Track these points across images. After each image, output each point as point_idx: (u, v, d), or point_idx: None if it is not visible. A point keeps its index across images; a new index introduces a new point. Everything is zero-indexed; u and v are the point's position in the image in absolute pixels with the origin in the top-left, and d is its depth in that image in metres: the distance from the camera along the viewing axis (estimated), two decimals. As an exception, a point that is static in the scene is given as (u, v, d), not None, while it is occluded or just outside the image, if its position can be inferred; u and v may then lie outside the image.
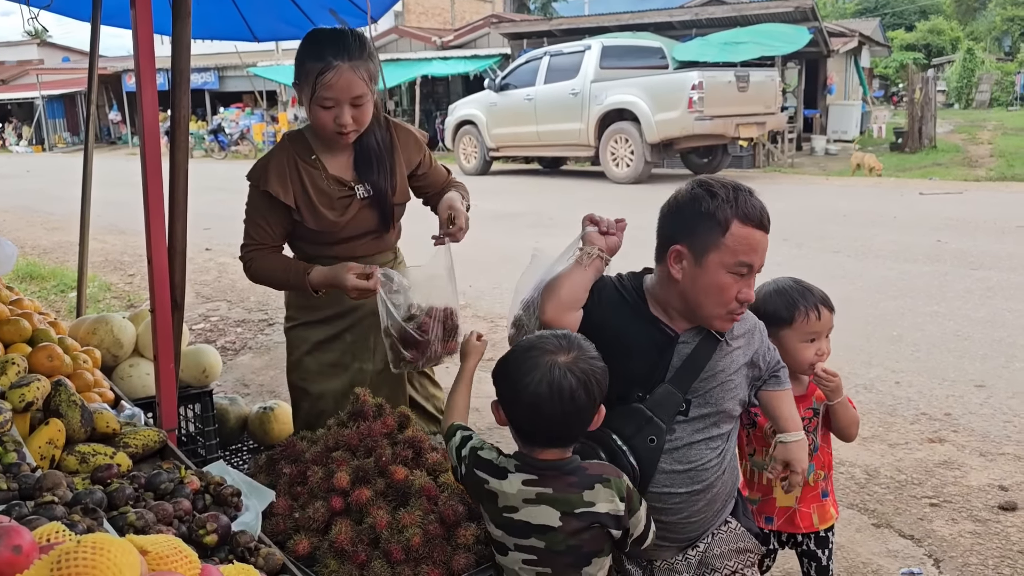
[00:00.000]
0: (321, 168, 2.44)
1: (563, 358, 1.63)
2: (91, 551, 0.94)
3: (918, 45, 41.37)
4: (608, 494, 1.63)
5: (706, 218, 1.79)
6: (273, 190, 2.37)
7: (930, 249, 7.92)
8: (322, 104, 2.26)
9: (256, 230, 2.43)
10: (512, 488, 1.65)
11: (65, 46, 44.46)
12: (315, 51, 2.24)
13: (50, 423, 1.89)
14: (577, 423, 1.66)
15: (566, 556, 1.63)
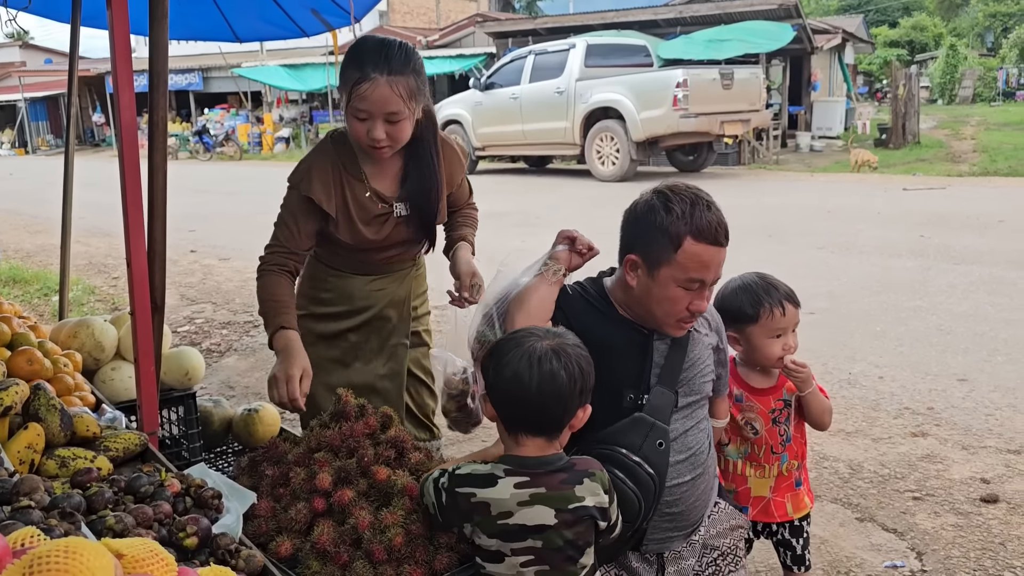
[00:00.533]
0: (365, 180, 2.39)
1: (547, 342, 1.68)
2: (64, 555, 0.94)
3: (901, 42, 41.57)
4: (595, 487, 1.66)
5: (659, 232, 1.83)
6: (316, 196, 2.32)
7: (913, 244, 7.98)
8: (356, 115, 2.21)
9: (284, 232, 2.36)
10: (504, 493, 1.64)
11: (47, 48, 44.17)
12: (356, 60, 2.19)
13: (29, 427, 1.88)
14: (556, 407, 1.66)
15: (563, 551, 1.65)
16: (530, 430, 1.69)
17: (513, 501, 1.64)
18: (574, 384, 1.65)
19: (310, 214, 2.35)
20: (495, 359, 1.71)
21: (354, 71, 2.17)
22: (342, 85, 2.24)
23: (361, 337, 2.60)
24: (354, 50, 2.24)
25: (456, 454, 3.52)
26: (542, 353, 1.65)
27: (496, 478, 1.67)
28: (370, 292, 2.59)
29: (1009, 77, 35.57)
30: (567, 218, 10.62)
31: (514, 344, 1.70)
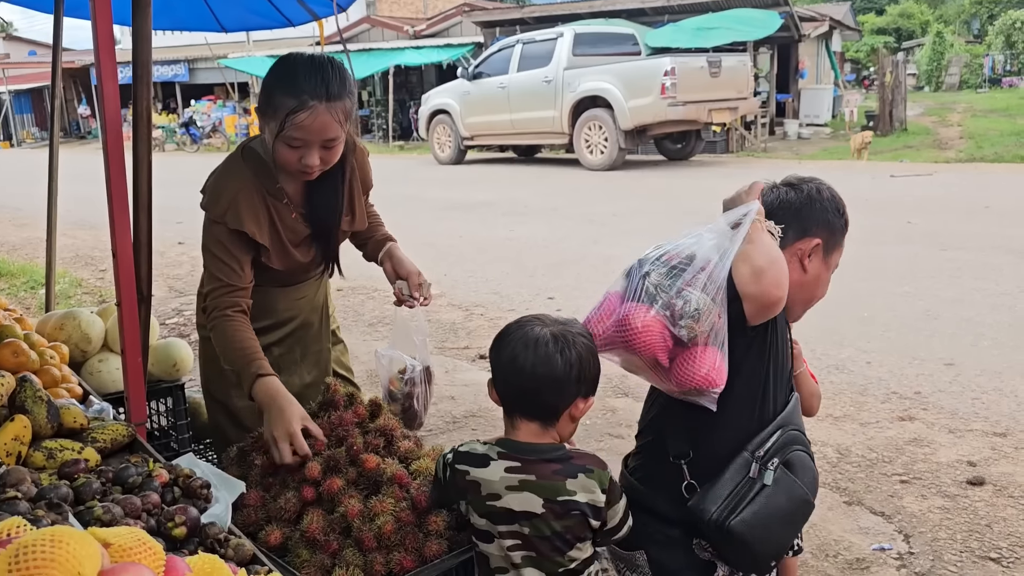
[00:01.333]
0: (288, 200, 2.24)
1: (549, 328, 1.69)
2: (50, 544, 0.94)
3: (889, 29, 41.64)
4: (590, 484, 1.65)
5: (844, 225, 1.93)
6: (248, 229, 2.14)
7: (900, 231, 8.01)
8: (289, 143, 2.04)
9: (224, 269, 2.15)
10: (494, 475, 1.66)
11: (31, 40, 43.73)
12: (290, 86, 2.00)
13: (15, 419, 1.87)
14: (550, 392, 1.66)
15: (550, 541, 1.65)
16: (524, 413, 1.70)
17: (502, 484, 1.66)
18: (570, 370, 1.64)
19: (244, 247, 2.18)
20: (499, 340, 1.73)
21: (288, 98, 1.99)
22: (270, 111, 2.04)
23: (284, 349, 2.49)
24: (284, 74, 2.04)
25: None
26: (541, 337, 1.66)
27: (489, 459, 1.68)
28: (292, 303, 2.48)
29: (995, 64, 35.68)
30: (556, 207, 10.63)
31: (517, 326, 1.72)
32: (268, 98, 2.06)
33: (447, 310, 6.05)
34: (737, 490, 1.69)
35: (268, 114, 2.06)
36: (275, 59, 2.14)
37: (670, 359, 1.69)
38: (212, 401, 2.53)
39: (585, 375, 1.67)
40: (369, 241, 2.55)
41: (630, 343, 1.68)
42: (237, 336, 2.10)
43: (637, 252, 1.90)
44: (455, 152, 17.22)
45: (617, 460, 3.49)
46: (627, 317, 1.70)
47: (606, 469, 1.69)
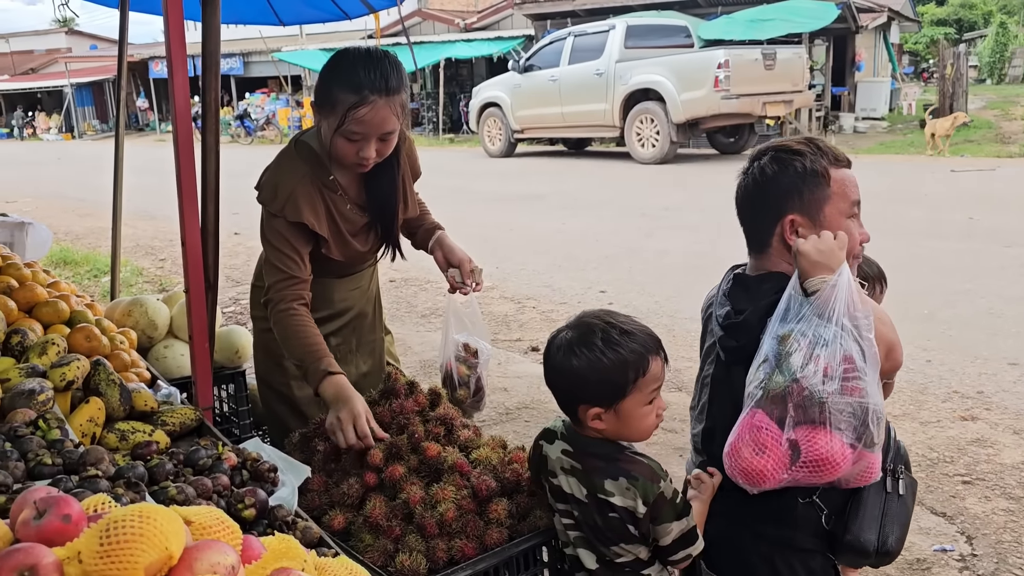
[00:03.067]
0: (341, 191, 2.27)
1: (569, 333, 1.69)
2: (138, 519, 0.97)
3: (949, 20, 40.50)
4: (631, 492, 1.61)
5: (808, 177, 1.71)
6: (308, 220, 2.18)
7: (962, 226, 7.81)
8: (349, 137, 2.08)
9: (287, 263, 2.18)
10: (554, 453, 1.73)
11: (93, 34, 44.88)
12: (350, 80, 2.03)
13: (90, 401, 1.94)
14: (564, 387, 1.68)
15: (595, 530, 1.66)
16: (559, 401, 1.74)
17: (558, 464, 1.71)
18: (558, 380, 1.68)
19: (304, 239, 2.22)
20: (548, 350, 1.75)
21: (349, 93, 2.03)
22: (328, 106, 2.08)
23: (341, 339, 2.52)
24: (343, 70, 2.07)
25: (499, 434, 3.55)
26: (553, 342, 1.71)
27: (555, 437, 1.75)
28: (348, 293, 2.52)
29: (1062, 55, 34.50)
30: (607, 201, 10.58)
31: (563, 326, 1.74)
32: (327, 93, 2.08)
33: (499, 302, 6.07)
34: (883, 509, 1.70)
35: (326, 109, 2.09)
36: (328, 52, 2.18)
37: None
38: (269, 390, 2.58)
39: (580, 386, 1.64)
40: (419, 230, 2.57)
41: (826, 476, 1.56)
42: (302, 331, 2.14)
43: (690, 247, 1.86)
44: (505, 145, 17.24)
45: (670, 454, 3.50)
46: (828, 457, 1.54)
47: (658, 483, 1.62)
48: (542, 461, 1.77)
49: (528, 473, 1.90)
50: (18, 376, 1.89)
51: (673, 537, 1.64)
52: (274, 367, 2.52)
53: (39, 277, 2.58)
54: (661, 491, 1.62)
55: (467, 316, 2.45)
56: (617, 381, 1.61)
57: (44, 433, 1.65)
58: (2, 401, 1.76)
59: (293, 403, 2.51)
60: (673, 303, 5.82)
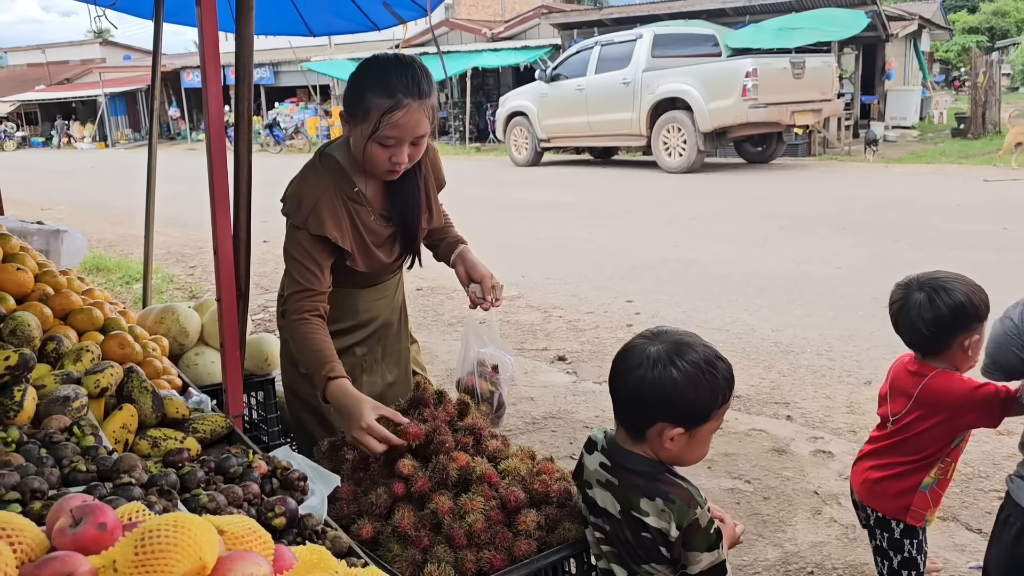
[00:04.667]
0: (365, 202, 2.28)
1: (655, 345, 1.61)
2: (173, 529, 0.97)
3: (981, 28, 40.00)
4: (665, 515, 1.58)
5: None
6: (331, 234, 2.18)
7: (996, 237, 7.69)
8: (383, 142, 2.08)
9: (306, 276, 2.19)
10: (591, 464, 1.72)
11: (126, 44, 45.61)
12: (383, 85, 2.04)
13: (123, 408, 1.96)
14: (632, 407, 1.63)
15: (626, 546, 1.65)
16: (618, 418, 1.70)
17: (594, 476, 1.69)
18: (647, 392, 1.58)
19: (326, 252, 2.22)
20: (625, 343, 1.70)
21: (384, 99, 2.04)
22: (361, 113, 2.08)
23: (366, 349, 2.53)
24: (375, 75, 2.08)
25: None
26: (640, 350, 1.61)
27: (595, 448, 1.73)
28: (372, 303, 2.52)
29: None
30: (634, 210, 10.55)
31: (637, 336, 1.68)
32: (359, 100, 2.09)
33: (526, 311, 6.07)
34: None
35: (359, 117, 2.10)
36: (356, 62, 2.19)
37: None
38: (296, 398, 2.59)
39: (666, 401, 1.58)
40: (441, 243, 2.57)
41: None
42: (311, 338, 2.15)
43: (717, 257, 1.87)
44: (532, 154, 17.27)
45: (699, 466, 3.47)
46: None
47: (694, 509, 1.59)
48: (580, 470, 1.76)
49: (556, 484, 1.89)
50: (53, 383, 1.91)
51: (702, 567, 1.62)
52: (300, 376, 2.53)
53: (74, 284, 2.61)
54: (696, 518, 1.59)
55: (486, 333, 2.43)
56: (708, 404, 1.59)
57: (79, 440, 1.67)
58: (38, 407, 1.79)
59: (319, 412, 2.52)
60: (700, 313, 5.78)
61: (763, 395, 4.27)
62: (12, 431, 1.58)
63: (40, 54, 45.17)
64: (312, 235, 2.18)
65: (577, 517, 1.82)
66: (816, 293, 6.14)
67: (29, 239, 3.53)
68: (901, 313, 2.21)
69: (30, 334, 2.08)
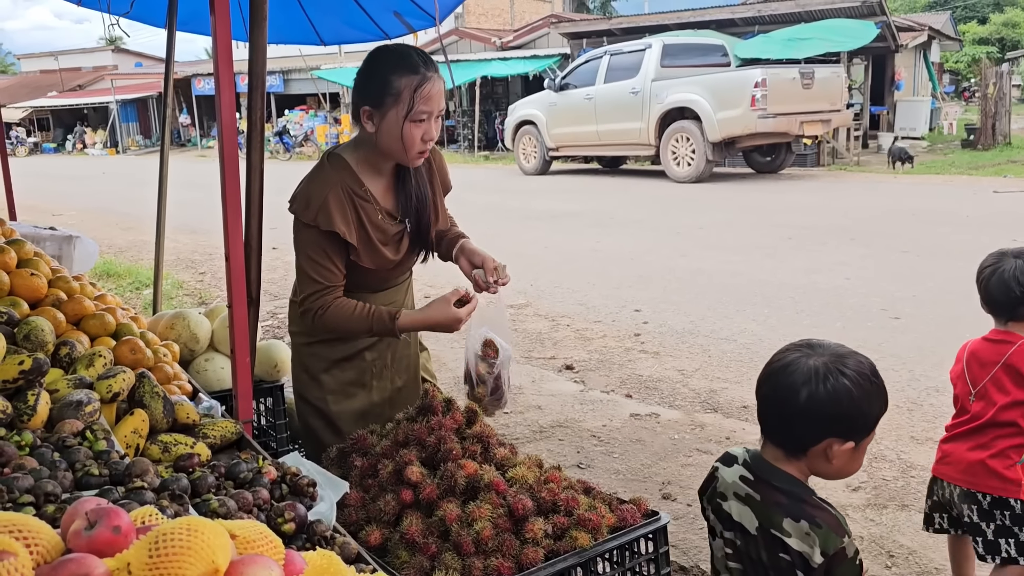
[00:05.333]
0: (372, 200, 2.33)
1: (820, 358, 1.54)
2: (187, 532, 0.98)
3: (992, 39, 39.95)
4: (810, 539, 1.50)
5: None
6: (339, 229, 2.23)
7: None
8: (418, 118, 2.15)
9: (322, 272, 2.26)
10: (730, 477, 1.65)
11: (138, 52, 45.88)
12: (406, 65, 2.14)
13: (135, 413, 1.97)
14: (795, 423, 1.55)
15: (755, 565, 1.59)
16: (771, 436, 1.62)
17: (732, 489, 1.64)
18: (813, 407, 1.51)
19: (337, 248, 2.28)
20: (772, 359, 1.63)
21: (409, 76, 2.13)
22: (390, 98, 2.15)
23: (376, 354, 2.55)
24: (390, 60, 2.17)
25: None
26: (801, 366, 1.54)
27: (734, 461, 1.67)
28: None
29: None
30: (642, 219, 10.56)
31: (787, 350, 1.61)
32: (385, 86, 2.15)
33: (533, 320, 6.08)
34: None
35: (388, 102, 2.16)
36: None
37: None
38: (306, 404, 2.60)
39: (836, 416, 1.51)
40: (443, 240, 2.60)
41: None
42: (349, 307, 2.26)
43: (725, 266, 1.87)
44: (540, 163, 17.30)
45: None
46: None
47: (842, 537, 1.51)
48: (711, 482, 1.70)
49: (563, 492, 1.90)
50: (66, 387, 1.93)
51: None
52: (310, 382, 2.55)
53: (86, 290, 2.63)
54: (843, 546, 1.51)
55: (490, 315, 2.45)
56: (876, 414, 1.55)
57: (91, 444, 1.68)
58: (51, 411, 1.80)
59: (329, 418, 2.54)
60: (708, 323, 5.78)
61: (771, 405, 4.27)
62: (26, 435, 1.59)
63: (53, 61, 45.43)
64: (322, 231, 2.24)
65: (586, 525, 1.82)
66: (824, 303, 6.13)
67: (42, 244, 3.56)
68: (994, 276, 2.29)
69: (43, 339, 2.10)
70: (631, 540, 1.91)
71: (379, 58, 2.21)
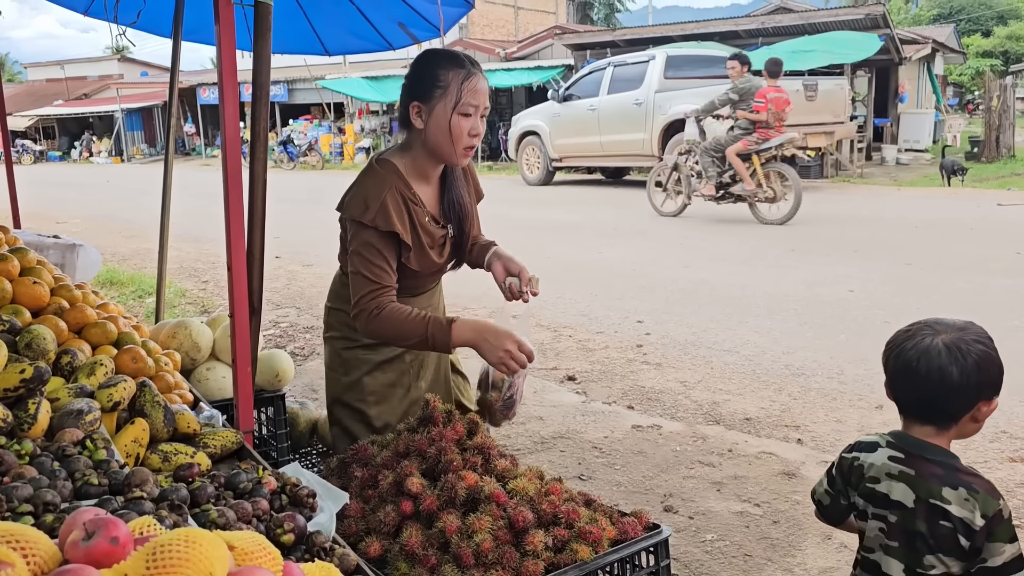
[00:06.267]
0: (421, 205, 2.40)
1: (942, 336, 1.67)
2: (184, 544, 0.98)
3: (995, 52, 40.04)
4: (969, 504, 1.61)
5: None
6: (397, 229, 2.29)
7: (1009, 262, 7.66)
8: (465, 111, 2.25)
9: (378, 273, 2.29)
10: (878, 460, 1.73)
11: (143, 61, 46.11)
12: (454, 60, 2.28)
13: (135, 422, 1.97)
14: (944, 401, 1.67)
15: (913, 538, 1.67)
16: (919, 418, 1.72)
17: (883, 470, 1.72)
18: (967, 379, 1.63)
19: (392, 249, 2.33)
20: (891, 348, 1.75)
21: (457, 70, 2.25)
22: (439, 90, 2.25)
23: (413, 355, 2.61)
24: (440, 57, 2.30)
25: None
26: (933, 347, 1.66)
27: (877, 446, 1.76)
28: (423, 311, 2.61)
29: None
30: (645, 230, 10.56)
31: (908, 335, 1.72)
32: (434, 79, 2.26)
33: (536, 330, 6.07)
34: None
35: (437, 94, 2.26)
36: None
37: None
38: (344, 408, 2.61)
39: (985, 380, 1.65)
40: (474, 246, 2.67)
41: None
42: (404, 310, 2.26)
43: (728, 278, 1.88)
44: (544, 173, 17.32)
45: (707, 488, 3.46)
46: None
47: (998, 500, 1.62)
48: (854, 471, 1.78)
49: (564, 504, 1.89)
50: (67, 396, 1.93)
51: (1005, 559, 1.63)
52: (351, 385, 2.58)
53: (89, 299, 2.64)
54: (1000, 508, 1.62)
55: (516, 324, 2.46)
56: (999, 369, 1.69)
57: (91, 453, 1.68)
58: (52, 420, 1.80)
59: (368, 421, 2.58)
60: (711, 335, 5.77)
61: (773, 418, 4.25)
62: (26, 444, 1.59)
63: (59, 69, 45.71)
64: (380, 232, 2.28)
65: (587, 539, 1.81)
66: (828, 315, 6.12)
67: (45, 253, 3.57)
68: None
69: (45, 347, 2.10)
70: (632, 553, 1.91)
71: (426, 57, 2.33)
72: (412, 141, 2.37)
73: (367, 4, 4.12)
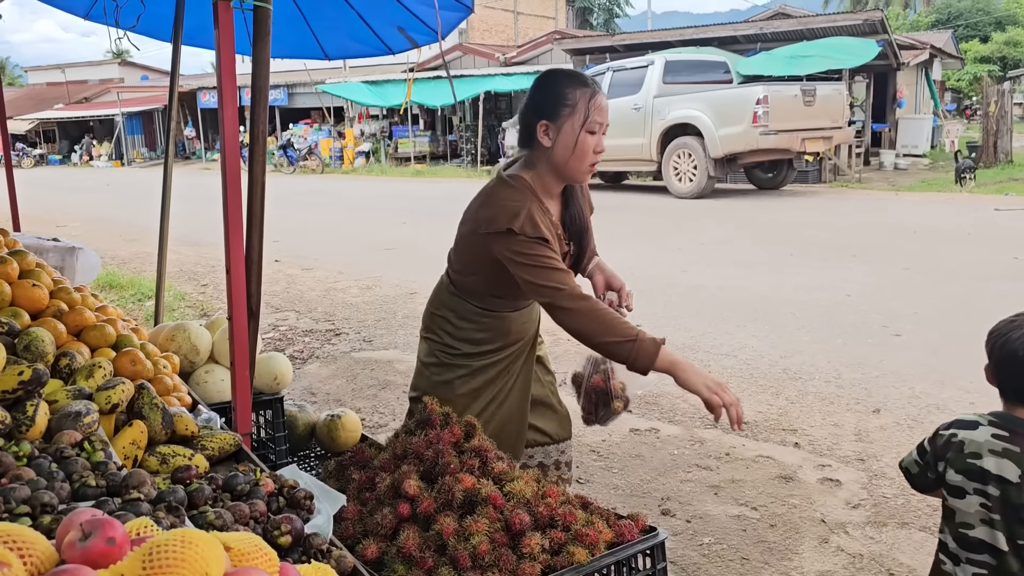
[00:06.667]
0: (551, 218, 2.40)
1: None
2: (180, 544, 0.99)
3: (993, 57, 40.10)
4: None
5: None
6: (546, 236, 2.27)
7: (1007, 267, 7.67)
8: (592, 129, 2.26)
9: (556, 262, 2.25)
10: (981, 437, 1.80)
11: (144, 65, 46.18)
12: (578, 80, 2.29)
13: (133, 425, 1.98)
14: None
15: (1017, 511, 1.73)
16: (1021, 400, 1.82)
17: (986, 447, 1.79)
18: None
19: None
20: (995, 337, 1.87)
21: (585, 88, 2.26)
22: (567, 109, 2.25)
23: (505, 364, 2.61)
24: (566, 78, 2.31)
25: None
26: None
27: (979, 424, 1.84)
28: (522, 325, 2.60)
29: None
30: (643, 235, 10.57)
31: (1013, 327, 1.83)
32: (561, 98, 2.26)
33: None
34: None
35: (565, 113, 2.26)
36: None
37: None
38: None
39: None
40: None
41: None
42: (609, 308, 2.29)
43: (726, 282, 1.90)
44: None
45: (705, 492, 3.46)
46: None
47: None
48: (949, 448, 1.85)
49: (561, 507, 1.90)
50: (65, 398, 1.94)
51: None
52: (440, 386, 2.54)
53: (88, 301, 2.64)
54: None
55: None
56: None
57: (89, 455, 1.68)
58: (50, 422, 1.81)
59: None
60: (709, 339, 5.78)
61: (771, 421, 4.26)
62: (24, 445, 1.60)
63: (59, 73, 45.79)
64: (529, 238, 2.23)
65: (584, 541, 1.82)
66: (825, 320, 6.13)
67: (45, 256, 3.57)
68: None
69: (44, 350, 2.10)
70: (629, 556, 1.91)
71: (551, 77, 2.34)
72: (536, 159, 2.35)
73: (367, 8, 4.13)
